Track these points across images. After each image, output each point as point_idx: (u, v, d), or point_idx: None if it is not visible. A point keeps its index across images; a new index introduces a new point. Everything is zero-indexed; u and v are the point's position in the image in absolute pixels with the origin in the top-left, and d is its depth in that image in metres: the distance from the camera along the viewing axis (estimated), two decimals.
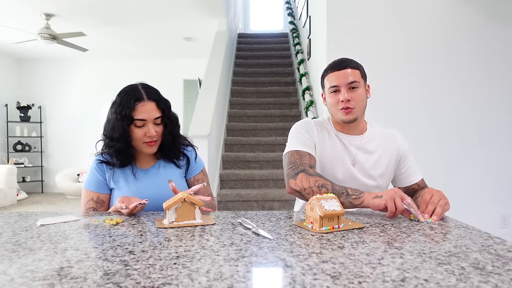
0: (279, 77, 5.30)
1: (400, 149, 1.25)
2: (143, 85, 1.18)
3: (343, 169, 1.19)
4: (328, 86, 1.18)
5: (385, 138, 1.25)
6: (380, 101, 2.90)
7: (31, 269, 0.59)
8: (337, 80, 1.15)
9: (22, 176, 6.51)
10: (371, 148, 1.22)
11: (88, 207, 1.18)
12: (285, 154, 1.21)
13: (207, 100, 3.37)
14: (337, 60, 1.20)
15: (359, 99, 1.16)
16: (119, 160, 1.16)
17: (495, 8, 2.93)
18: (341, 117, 1.17)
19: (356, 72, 1.16)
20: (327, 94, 1.20)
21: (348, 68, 1.15)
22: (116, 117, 1.12)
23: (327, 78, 1.19)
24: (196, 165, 1.30)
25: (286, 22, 6.60)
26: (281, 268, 0.60)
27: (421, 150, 2.92)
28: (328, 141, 1.22)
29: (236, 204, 3.31)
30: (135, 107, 1.11)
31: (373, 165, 1.21)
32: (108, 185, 1.20)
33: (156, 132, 1.13)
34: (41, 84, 6.78)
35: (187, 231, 0.85)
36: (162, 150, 1.23)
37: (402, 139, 1.27)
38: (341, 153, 1.21)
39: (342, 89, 1.15)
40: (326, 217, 0.85)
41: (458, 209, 2.92)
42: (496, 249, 0.70)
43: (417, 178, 1.25)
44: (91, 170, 1.21)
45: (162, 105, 1.15)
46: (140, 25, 4.94)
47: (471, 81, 2.95)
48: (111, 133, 1.14)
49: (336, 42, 2.94)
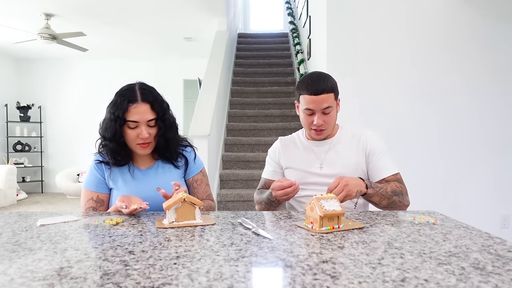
0: (279, 77, 5.30)
1: (367, 147, 1.29)
2: (141, 85, 1.16)
3: (312, 174, 1.30)
4: (303, 106, 1.25)
5: (353, 139, 1.32)
6: (380, 101, 2.90)
7: (31, 269, 0.59)
8: (313, 105, 1.22)
9: (22, 176, 6.51)
10: (338, 150, 1.31)
11: (87, 206, 1.18)
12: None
13: (207, 100, 3.36)
14: (314, 80, 1.23)
15: (330, 121, 1.26)
16: (114, 159, 1.16)
17: (497, 7, 2.93)
18: (312, 135, 1.31)
19: (330, 96, 1.22)
20: (301, 110, 1.28)
21: (324, 93, 1.20)
22: (110, 117, 1.12)
23: (303, 97, 1.24)
24: (195, 166, 1.29)
25: (286, 22, 6.60)
26: (281, 268, 0.60)
27: (421, 150, 2.92)
28: (296, 153, 1.36)
29: (236, 204, 3.30)
30: (128, 108, 1.10)
31: (341, 166, 1.28)
32: (107, 185, 1.20)
33: (149, 134, 1.12)
34: (41, 84, 6.77)
35: (187, 231, 0.85)
36: (158, 152, 1.22)
37: (370, 138, 1.31)
38: (310, 160, 1.32)
39: (316, 113, 1.23)
40: (326, 217, 0.85)
41: (458, 209, 2.94)
42: (496, 249, 0.70)
43: (384, 174, 1.26)
44: (90, 170, 1.21)
45: (157, 107, 1.13)
46: (140, 25, 4.94)
47: (471, 81, 2.95)
48: (104, 132, 1.15)
49: (336, 42, 2.94)
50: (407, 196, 1.24)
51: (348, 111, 2.66)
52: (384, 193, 1.16)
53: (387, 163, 1.27)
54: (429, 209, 1.13)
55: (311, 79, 1.23)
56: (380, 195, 1.15)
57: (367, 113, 2.90)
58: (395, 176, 1.26)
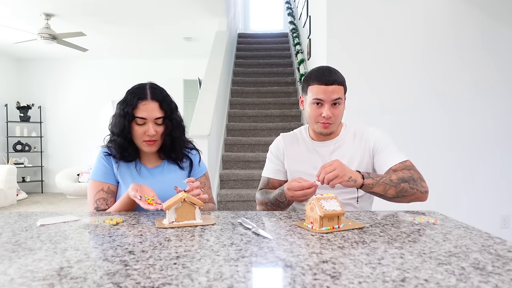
0: (279, 77, 5.30)
1: (371, 144, 1.25)
2: (151, 85, 1.19)
3: (313, 176, 1.23)
4: (312, 97, 1.19)
5: (356, 138, 1.28)
6: (381, 102, 2.90)
7: (31, 269, 0.59)
8: (323, 95, 1.17)
9: (22, 176, 6.51)
10: (342, 151, 1.27)
11: (98, 197, 1.16)
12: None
13: (207, 100, 3.36)
14: (324, 71, 1.19)
15: (339, 115, 1.21)
16: (121, 154, 1.18)
17: (500, 8, 2.93)
18: (318, 129, 1.24)
19: (340, 89, 1.18)
20: (308, 103, 1.22)
21: (335, 84, 1.16)
22: (119, 113, 1.15)
23: (312, 88, 1.19)
24: (199, 169, 1.31)
25: (286, 22, 6.59)
26: (281, 268, 0.60)
27: (421, 150, 2.92)
28: (300, 154, 1.30)
29: (236, 204, 3.31)
30: (137, 105, 1.13)
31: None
32: (115, 176, 1.20)
33: (156, 132, 1.14)
34: (41, 84, 6.77)
35: (187, 231, 0.85)
36: (165, 152, 1.24)
37: (373, 134, 1.26)
38: (314, 162, 1.26)
39: (326, 104, 1.18)
40: (326, 217, 0.85)
41: (458, 209, 2.94)
42: (496, 249, 0.70)
43: (389, 164, 1.19)
44: (98, 160, 1.21)
45: (165, 106, 1.16)
46: (140, 25, 4.94)
47: (473, 82, 2.95)
48: (113, 128, 1.18)
49: (336, 42, 2.94)
50: (423, 182, 1.14)
51: (348, 111, 2.64)
52: (387, 181, 1.08)
53: (392, 152, 1.22)
54: (429, 209, 1.13)
55: (322, 70, 1.19)
56: (383, 184, 1.08)
57: (368, 113, 2.89)
58: (403, 164, 1.18)
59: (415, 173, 1.15)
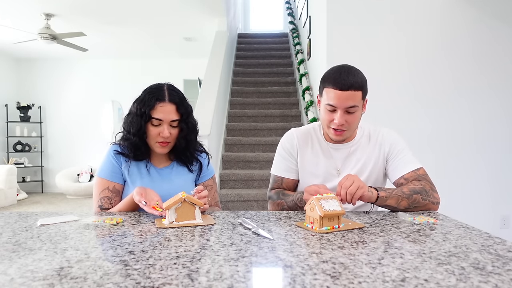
0: (279, 77, 5.30)
1: (386, 149, 1.22)
2: (169, 86, 1.19)
3: (327, 180, 1.22)
4: (326, 101, 1.12)
5: (371, 141, 1.24)
6: (380, 102, 2.90)
7: (31, 269, 0.59)
8: (337, 101, 1.09)
9: (22, 176, 6.51)
10: (358, 155, 1.23)
11: (102, 196, 1.16)
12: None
13: (207, 100, 3.36)
14: (342, 73, 1.09)
15: (353, 121, 1.14)
16: (133, 153, 1.18)
17: (495, 8, 2.93)
18: (330, 135, 1.19)
19: (357, 95, 1.09)
20: (323, 105, 1.16)
21: (351, 89, 1.08)
22: (136, 113, 1.15)
23: (327, 91, 1.12)
24: (207, 171, 1.31)
25: (286, 22, 6.60)
26: (281, 268, 0.60)
27: (422, 151, 2.91)
28: (314, 156, 1.25)
29: (236, 204, 3.30)
30: (155, 106, 1.13)
31: (357, 172, 1.21)
32: (122, 175, 1.20)
33: (170, 134, 1.14)
34: (41, 84, 6.77)
35: (187, 231, 0.85)
36: (176, 153, 1.24)
37: (387, 138, 1.23)
38: (328, 166, 1.23)
39: (339, 111, 1.11)
40: (326, 217, 0.85)
41: (458, 209, 2.94)
42: (496, 249, 0.70)
43: (402, 172, 1.17)
44: (107, 158, 1.20)
45: (182, 109, 1.16)
46: (140, 25, 4.94)
47: (472, 82, 2.95)
48: (129, 127, 1.17)
49: (336, 42, 2.94)
50: (436, 193, 1.12)
51: None
52: (400, 193, 1.07)
53: (405, 159, 1.18)
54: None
55: (340, 72, 1.09)
56: (396, 197, 1.06)
57: (368, 113, 2.89)
58: (415, 173, 1.15)
59: (426, 184, 1.12)
